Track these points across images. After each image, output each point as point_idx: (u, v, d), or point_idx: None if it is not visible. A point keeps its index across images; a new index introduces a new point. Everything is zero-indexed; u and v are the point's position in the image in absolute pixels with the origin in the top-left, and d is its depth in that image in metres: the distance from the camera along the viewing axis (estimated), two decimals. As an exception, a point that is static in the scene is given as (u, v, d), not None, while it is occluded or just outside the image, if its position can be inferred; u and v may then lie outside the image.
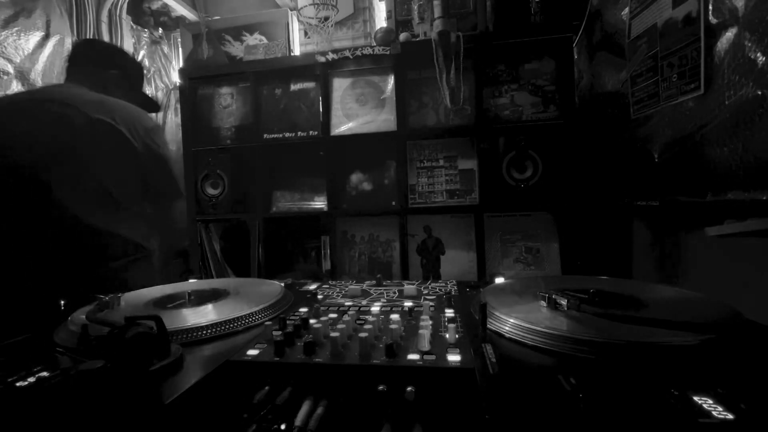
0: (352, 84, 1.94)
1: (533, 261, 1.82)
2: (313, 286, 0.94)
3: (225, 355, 0.54)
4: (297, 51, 2.10)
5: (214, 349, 0.58)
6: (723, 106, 1.06)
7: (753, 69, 0.96)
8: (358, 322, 0.65)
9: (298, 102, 1.99)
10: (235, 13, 2.27)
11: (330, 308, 0.74)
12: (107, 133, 1.13)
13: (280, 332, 0.56)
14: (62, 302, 0.80)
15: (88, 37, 1.97)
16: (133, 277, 1.12)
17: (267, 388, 0.49)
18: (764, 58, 0.93)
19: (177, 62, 2.72)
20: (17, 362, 0.52)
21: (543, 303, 0.65)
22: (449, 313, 0.68)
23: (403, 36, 1.82)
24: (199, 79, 2.10)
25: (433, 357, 0.51)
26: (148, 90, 2.63)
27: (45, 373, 0.48)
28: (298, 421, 0.45)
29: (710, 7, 1.11)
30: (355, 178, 1.96)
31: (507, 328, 0.59)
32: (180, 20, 2.60)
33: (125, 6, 2.40)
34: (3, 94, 1.40)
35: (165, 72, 2.72)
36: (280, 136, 1.97)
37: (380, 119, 1.90)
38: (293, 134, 1.97)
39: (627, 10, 1.48)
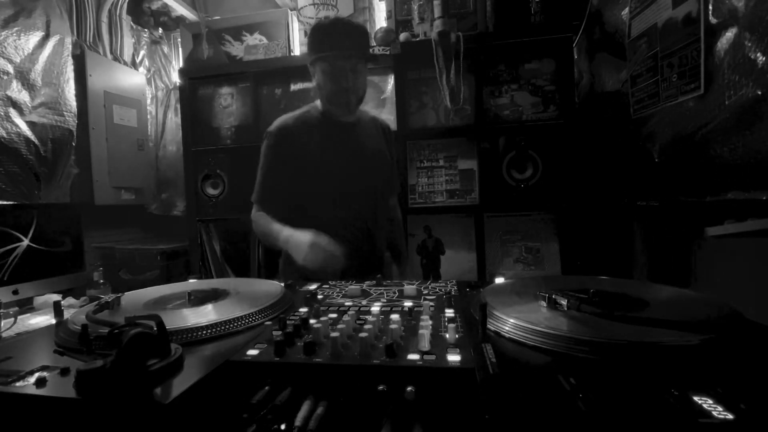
0: (352, 84, 1.93)
1: (533, 261, 1.82)
2: (313, 286, 0.94)
3: (225, 355, 0.54)
4: (297, 51, 2.10)
5: (214, 349, 0.58)
6: (723, 106, 1.06)
7: (753, 69, 0.96)
8: (358, 322, 0.65)
9: (298, 102, 1.99)
10: (235, 13, 2.27)
11: (330, 308, 0.74)
12: None
13: (280, 332, 0.56)
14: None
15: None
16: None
17: (267, 388, 0.49)
18: (764, 58, 0.93)
19: (177, 62, 2.72)
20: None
21: (543, 303, 0.65)
22: (449, 313, 0.68)
23: (403, 36, 1.82)
24: (199, 79, 2.10)
25: (433, 357, 0.51)
26: (148, 90, 2.64)
27: (45, 374, 0.48)
28: (298, 421, 0.45)
29: (710, 7, 1.11)
30: (355, 178, 1.96)
31: (507, 328, 0.59)
32: (180, 20, 2.60)
33: (125, 6, 2.40)
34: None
35: (165, 72, 2.72)
36: (280, 136, 1.96)
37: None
38: (293, 134, 1.96)
39: (627, 10, 1.48)
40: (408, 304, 0.73)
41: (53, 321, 0.74)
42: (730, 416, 0.36)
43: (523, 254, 1.83)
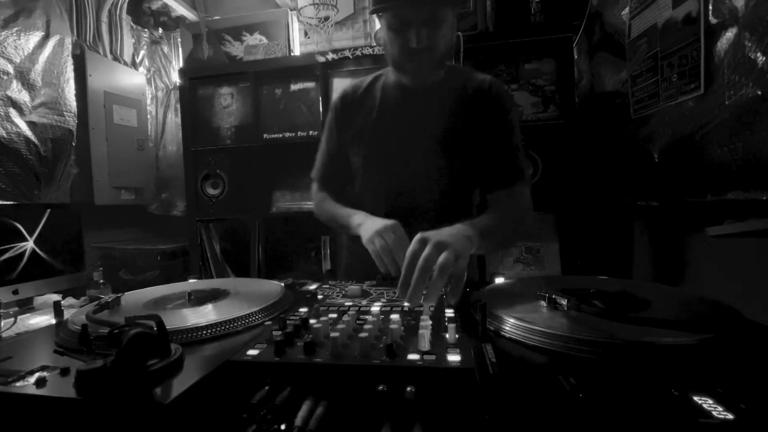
0: (352, 84, 1.94)
1: (533, 261, 1.82)
2: (313, 286, 0.94)
3: (225, 355, 0.53)
4: (297, 51, 2.10)
5: (214, 349, 0.58)
6: (723, 106, 1.06)
7: (753, 69, 0.96)
8: (358, 322, 0.65)
9: (298, 102, 1.99)
10: (235, 13, 2.27)
11: (330, 308, 0.74)
12: None
13: (280, 332, 0.56)
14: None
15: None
16: None
17: (267, 388, 0.49)
18: (764, 58, 0.93)
19: (177, 62, 2.72)
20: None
21: (543, 303, 0.65)
22: (449, 313, 0.68)
23: (403, 36, 1.82)
24: (199, 79, 2.10)
25: (433, 357, 0.51)
26: (148, 90, 2.64)
27: (45, 374, 0.48)
28: (298, 421, 0.45)
29: (710, 7, 1.11)
30: (355, 178, 1.96)
31: (507, 328, 0.59)
32: (180, 20, 2.60)
33: (125, 6, 2.40)
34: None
35: (165, 72, 2.72)
36: (280, 136, 1.97)
37: (380, 119, 1.90)
38: (293, 134, 1.97)
39: (627, 10, 1.48)
40: (408, 304, 0.73)
41: (53, 321, 0.74)
42: (730, 416, 0.36)
43: (523, 254, 1.83)
